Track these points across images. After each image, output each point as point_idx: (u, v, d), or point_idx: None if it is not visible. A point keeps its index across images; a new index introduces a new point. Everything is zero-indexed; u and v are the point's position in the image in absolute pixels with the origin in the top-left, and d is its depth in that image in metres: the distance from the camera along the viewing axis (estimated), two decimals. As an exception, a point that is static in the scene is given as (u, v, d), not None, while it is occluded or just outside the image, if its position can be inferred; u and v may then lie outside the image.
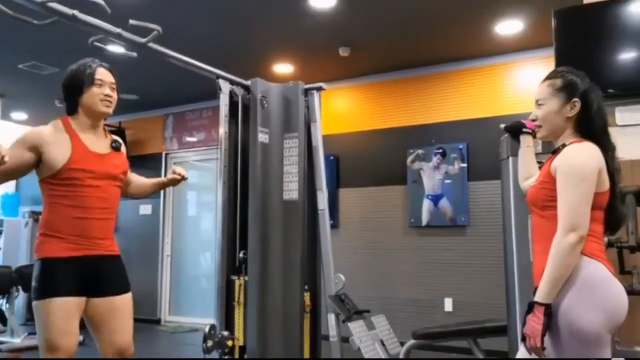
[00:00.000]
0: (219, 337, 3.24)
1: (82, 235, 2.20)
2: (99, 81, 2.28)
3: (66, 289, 2.15)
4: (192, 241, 7.36)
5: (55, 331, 2.12)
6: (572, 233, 1.63)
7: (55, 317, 2.12)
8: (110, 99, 2.30)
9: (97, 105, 2.27)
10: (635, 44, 2.94)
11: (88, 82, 2.26)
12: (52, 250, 2.18)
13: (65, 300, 2.14)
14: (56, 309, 2.13)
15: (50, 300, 2.13)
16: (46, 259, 2.18)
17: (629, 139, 1.81)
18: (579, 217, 1.65)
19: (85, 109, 2.28)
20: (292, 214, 3.61)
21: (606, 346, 1.63)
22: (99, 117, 2.31)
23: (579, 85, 1.82)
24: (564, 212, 1.66)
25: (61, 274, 2.16)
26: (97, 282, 2.25)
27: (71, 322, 2.16)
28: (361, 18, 4.53)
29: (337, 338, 3.40)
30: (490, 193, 5.15)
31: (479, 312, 4.75)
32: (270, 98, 3.70)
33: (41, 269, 2.17)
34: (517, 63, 5.22)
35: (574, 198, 1.66)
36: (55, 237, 2.18)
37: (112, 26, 2.63)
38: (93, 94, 2.26)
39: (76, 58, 2.46)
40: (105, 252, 2.29)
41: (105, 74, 2.32)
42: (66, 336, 2.14)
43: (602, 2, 2.99)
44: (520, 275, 2.27)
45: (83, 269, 2.21)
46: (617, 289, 1.67)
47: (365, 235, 5.75)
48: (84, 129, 2.29)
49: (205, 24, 4.67)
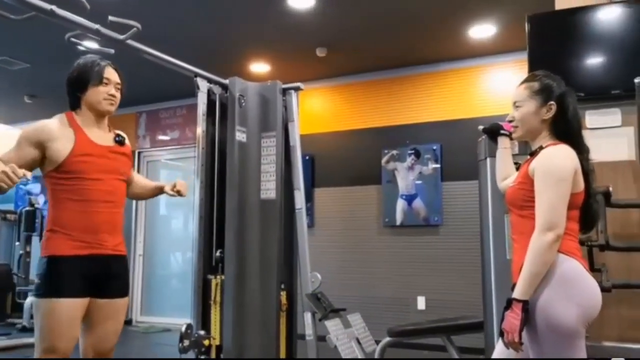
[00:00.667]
0: (195, 337, 3.22)
1: (89, 231, 2.16)
2: (106, 80, 2.27)
3: (72, 289, 2.11)
4: (164, 241, 7.29)
5: (55, 333, 2.08)
6: (549, 232, 1.69)
7: (57, 319, 2.08)
8: (114, 99, 2.29)
9: (101, 103, 2.26)
10: (604, 49, 3.04)
11: (95, 79, 2.24)
12: (59, 248, 2.13)
13: (69, 301, 2.10)
14: (59, 310, 2.08)
15: (54, 300, 2.09)
16: (53, 257, 2.13)
17: (598, 142, 1.89)
18: (557, 216, 1.71)
19: (89, 105, 2.26)
20: (269, 213, 3.62)
21: (581, 339, 1.69)
22: (102, 114, 2.29)
23: (555, 89, 1.88)
24: (542, 212, 1.72)
25: (67, 274, 2.12)
26: (102, 283, 2.20)
27: (73, 324, 2.12)
28: (339, 19, 4.56)
29: (314, 337, 3.42)
30: (464, 193, 5.24)
31: (451, 310, 4.82)
32: (248, 97, 3.69)
33: (47, 267, 2.12)
34: (490, 66, 5.33)
35: (552, 198, 1.72)
36: (62, 234, 2.14)
37: (90, 22, 2.60)
38: (98, 92, 2.25)
39: (49, 54, 2.43)
40: (112, 252, 2.25)
41: (112, 73, 2.31)
42: (66, 339, 2.10)
43: (574, 8, 3.08)
44: (497, 272, 2.33)
45: (90, 269, 2.16)
46: (592, 284, 1.73)
47: (340, 235, 5.78)
48: (88, 124, 2.26)
49: (182, 22, 4.63)
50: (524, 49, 4.66)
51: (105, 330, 2.25)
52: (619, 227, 2.91)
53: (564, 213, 1.72)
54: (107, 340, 2.27)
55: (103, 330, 2.24)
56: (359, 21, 4.60)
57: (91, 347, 2.25)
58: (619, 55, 2.99)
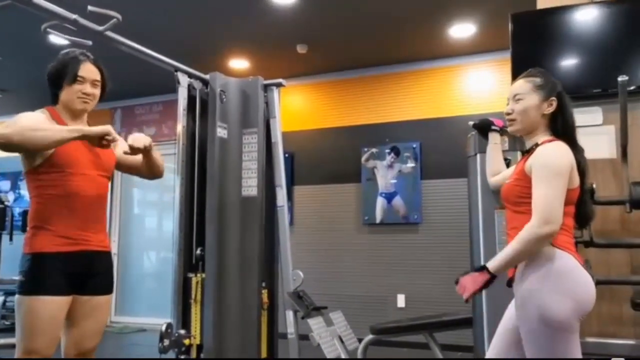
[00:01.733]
0: (175, 336, 3.17)
1: (74, 227, 2.12)
2: (81, 78, 2.20)
3: (55, 286, 2.06)
4: (138, 240, 7.17)
5: (36, 331, 2.03)
6: (547, 226, 1.70)
7: (38, 317, 2.03)
8: (88, 97, 2.21)
9: (74, 102, 2.20)
10: (586, 48, 3.08)
11: (69, 78, 2.18)
12: (43, 245, 2.08)
13: (52, 299, 2.05)
14: (41, 307, 2.04)
15: (36, 298, 2.04)
16: (36, 254, 2.08)
17: (583, 139, 1.91)
18: (554, 211, 1.72)
19: (63, 104, 2.22)
20: (250, 211, 3.57)
21: (575, 333, 1.71)
22: (76, 113, 2.24)
23: (557, 85, 1.91)
24: (540, 205, 1.73)
25: (51, 271, 2.07)
26: (86, 279, 2.16)
27: (54, 323, 2.07)
28: (321, 15, 4.54)
29: (295, 335, 3.39)
30: (443, 191, 5.28)
31: (431, 307, 4.85)
32: (229, 93, 3.64)
33: (30, 264, 2.07)
34: (469, 65, 5.37)
35: (550, 193, 1.73)
36: (45, 230, 2.09)
37: (68, 12, 2.52)
38: (72, 90, 2.19)
39: (22, 47, 2.36)
40: (97, 248, 2.21)
41: (89, 70, 2.23)
42: (47, 339, 2.05)
43: (557, 8, 3.11)
44: (486, 269, 2.33)
45: (74, 266, 2.12)
46: (586, 279, 1.75)
47: (320, 233, 5.76)
48: (68, 119, 2.22)
49: (160, 15, 4.55)
50: (504, 48, 4.70)
51: (88, 327, 2.20)
52: (599, 224, 2.95)
53: (561, 209, 1.73)
54: (89, 338, 2.22)
55: (85, 328, 2.19)
56: (340, 18, 4.59)
57: (73, 345, 2.19)
58: (600, 54, 3.03)
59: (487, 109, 4.93)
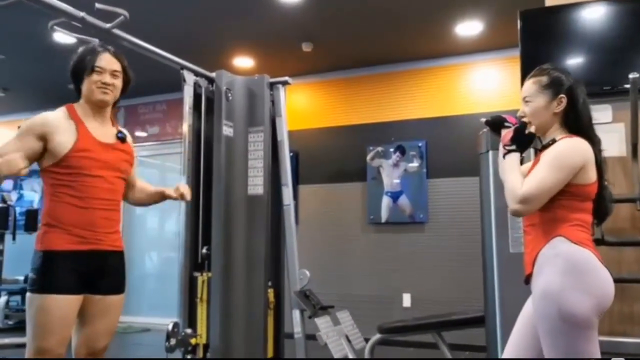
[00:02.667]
0: (182, 335, 3.16)
1: (86, 227, 2.10)
2: (99, 68, 2.17)
3: (66, 285, 2.04)
4: (141, 240, 7.15)
5: (47, 330, 2.02)
6: (523, 205, 1.74)
7: (49, 315, 2.01)
8: (108, 87, 2.18)
9: (94, 92, 2.16)
10: (596, 45, 3.06)
11: (88, 69, 2.16)
12: (56, 242, 2.07)
13: (63, 297, 2.03)
14: (52, 306, 2.02)
15: (47, 296, 2.02)
16: (48, 252, 2.06)
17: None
18: (539, 195, 1.73)
19: (84, 96, 2.20)
20: (256, 209, 3.56)
21: (594, 330, 1.69)
22: (97, 104, 2.20)
23: (565, 81, 1.87)
24: (530, 183, 1.74)
25: (63, 269, 2.05)
26: (98, 278, 2.14)
27: (65, 322, 2.05)
28: (326, 14, 4.51)
29: (302, 335, 3.38)
30: (449, 190, 5.25)
31: (437, 307, 4.82)
32: (235, 91, 3.63)
33: (42, 262, 2.05)
34: (476, 63, 5.34)
35: (547, 179, 1.73)
36: (58, 228, 2.07)
37: (75, 10, 2.50)
38: (91, 81, 2.16)
39: (26, 45, 2.34)
40: (110, 248, 2.19)
41: (108, 60, 2.20)
42: (58, 338, 2.03)
43: (567, 4, 3.08)
44: (499, 267, 2.31)
45: (86, 264, 2.10)
46: (605, 275, 1.73)
47: (325, 232, 5.73)
48: (89, 116, 2.19)
49: (164, 13, 4.53)
50: (511, 46, 4.68)
51: (99, 327, 2.18)
52: (610, 222, 2.92)
53: (545, 199, 1.74)
54: (100, 338, 2.20)
55: (96, 327, 2.17)
56: (346, 17, 4.56)
57: (84, 344, 2.17)
58: (610, 51, 3.01)
59: (493, 108, 4.91)
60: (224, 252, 3.43)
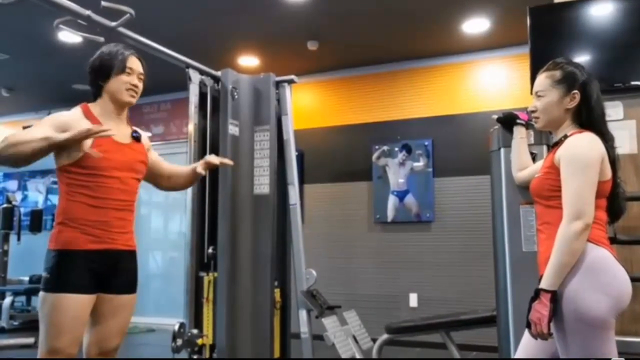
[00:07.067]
0: (188, 336, 3.14)
1: (100, 226, 2.10)
2: (129, 69, 2.19)
3: (80, 284, 2.04)
4: (145, 240, 7.14)
5: (59, 329, 2.01)
6: (577, 221, 1.65)
7: (62, 315, 2.01)
8: (137, 90, 2.21)
9: (122, 93, 2.18)
10: (606, 42, 3.02)
11: (118, 68, 2.16)
12: (70, 241, 2.06)
13: (77, 297, 2.03)
14: (66, 305, 2.01)
15: (61, 295, 2.01)
16: (62, 251, 2.06)
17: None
18: (584, 204, 1.66)
19: (110, 95, 2.19)
20: (262, 209, 3.53)
21: (611, 330, 1.65)
22: (122, 105, 2.22)
23: (578, 76, 1.83)
24: (569, 200, 1.68)
25: (77, 268, 2.04)
26: (112, 277, 2.14)
27: (78, 322, 2.04)
28: (331, 12, 4.49)
29: (309, 335, 3.35)
30: (456, 189, 5.22)
31: (443, 307, 4.79)
32: (241, 90, 3.61)
33: (57, 261, 2.05)
34: (483, 61, 5.30)
35: (579, 186, 1.67)
36: (72, 227, 2.07)
37: (81, 8, 2.48)
38: (121, 81, 2.17)
39: (31, 45, 2.32)
40: (123, 247, 2.19)
41: (136, 63, 2.23)
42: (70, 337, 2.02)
43: (576, 0, 3.05)
44: (512, 266, 2.27)
45: (100, 263, 2.10)
46: (622, 274, 1.70)
47: (331, 231, 5.71)
48: (106, 116, 2.19)
49: (169, 12, 4.52)
50: (518, 43, 4.66)
51: (111, 326, 2.17)
52: (621, 220, 2.88)
53: (592, 201, 1.68)
54: (112, 337, 2.19)
55: (107, 327, 2.16)
56: (351, 15, 4.54)
57: (95, 344, 2.16)
58: (621, 48, 2.98)
59: (500, 106, 4.87)
60: (230, 252, 3.40)
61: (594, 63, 3.03)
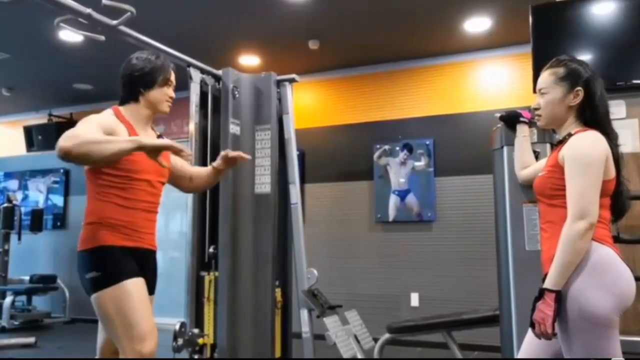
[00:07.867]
0: (189, 335, 3.13)
1: (130, 225, 2.12)
2: (171, 82, 2.27)
3: (133, 270, 2.05)
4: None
5: (138, 315, 1.99)
6: (581, 220, 1.64)
7: (132, 301, 1.99)
8: (171, 101, 2.29)
9: (163, 104, 2.25)
10: (609, 40, 3.01)
11: (164, 80, 2.23)
12: (107, 238, 2.06)
13: (136, 280, 2.04)
14: (132, 290, 2.00)
15: (123, 283, 2.00)
16: (102, 247, 2.06)
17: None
18: (588, 204, 1.65)
19: (148, 103, 2.22)
20: (263, 208, 3.53)
21: (615, 329, 1.64)
22: (157, 113, 2.28)
23: (582, 73, 1.82)
24: (573, 200, 1.66)
25: (123, 257, 2.06)
26: (143, 276, 2.14)
27: (147, 304, 2.05)
28: (332, 11, 4.48)
29: (310, 334, 3.34)
30: (457, 189, 5.20)
31: (445, 306, 4.78)
32: (242, 89, 3.60)
33: (100, 257, 2.05)
34: (484, 60, 5.29)
35: (583, 185, 1.66)
36: (105, 226, 2.08)
37: (82, 6, 2.48)
38: (163, 92, 2.24)
39: (31, 44, 2.31)
40: (149, 247, 2.21)
41: (173, 75, 2.30)
42: (150, 320, 2.02)
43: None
44: (515, 264, 2.26)
45: (135, 260, 2.11)
46: (626, 273, 1.69)
47: (332, 231, 5.70)
48: (137, 120, 2.21)
49: (170, 11, 4.51)
50: (520, 42, 4.65)
51: None
52: (623, 219, 2.87)
53: (596, 200, 1.66)
54: None
55: None
56: (353, 14, 4.52)
57: (111, 343, 2.13)
58: (624, 47, 2.97)
59: (502, 105, 4.86)
60: (231, 251, 3.40)
61: (596, 62, 3.02)
